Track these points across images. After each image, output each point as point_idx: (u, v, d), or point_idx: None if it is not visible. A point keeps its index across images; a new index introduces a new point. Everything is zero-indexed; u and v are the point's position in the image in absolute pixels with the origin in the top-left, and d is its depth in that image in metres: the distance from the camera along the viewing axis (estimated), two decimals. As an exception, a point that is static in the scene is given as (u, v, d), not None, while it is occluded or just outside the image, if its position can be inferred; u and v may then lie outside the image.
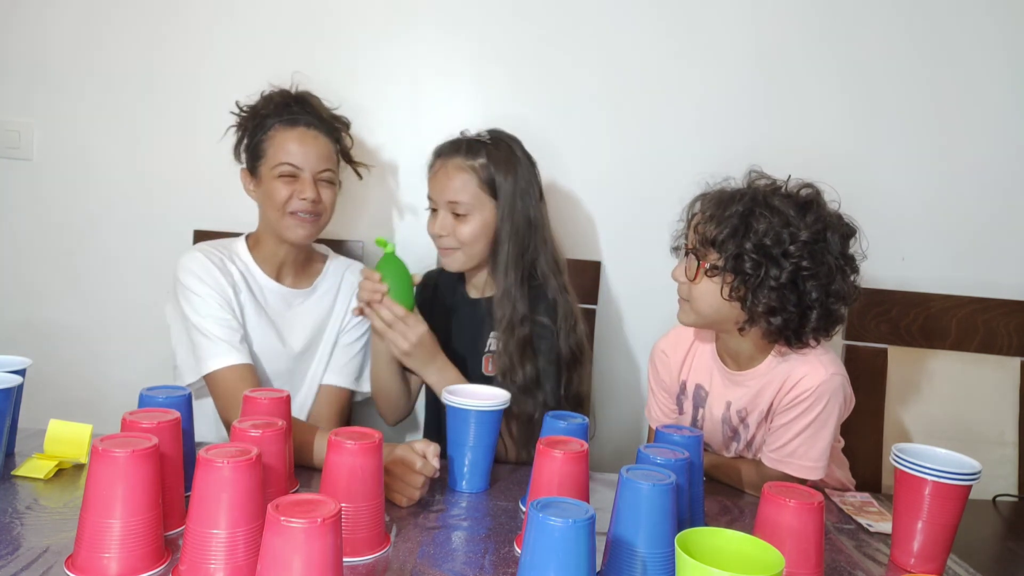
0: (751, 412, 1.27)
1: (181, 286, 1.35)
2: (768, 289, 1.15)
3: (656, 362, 1.40)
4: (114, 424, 0.93)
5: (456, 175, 1.37)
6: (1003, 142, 1.76)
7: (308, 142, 1.38)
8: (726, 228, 1.17)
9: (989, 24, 1.73)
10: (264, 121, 1.40)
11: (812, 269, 1.15)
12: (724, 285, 1.18)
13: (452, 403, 1.14)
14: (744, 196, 1.19)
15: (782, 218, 1.16)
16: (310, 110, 1.42)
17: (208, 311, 1.33)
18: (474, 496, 1.13)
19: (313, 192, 1.37)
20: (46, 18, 1.73)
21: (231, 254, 1.42)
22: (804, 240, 1.15)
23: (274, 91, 1.44)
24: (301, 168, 1.37)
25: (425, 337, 1.31)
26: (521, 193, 1.39)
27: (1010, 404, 1.61)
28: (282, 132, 1.38)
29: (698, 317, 1.24)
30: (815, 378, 1.18)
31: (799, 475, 1.20)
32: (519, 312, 1.37)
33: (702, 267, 1.20)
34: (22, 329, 1.79)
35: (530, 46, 1.73)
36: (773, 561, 0.70)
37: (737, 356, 1.28)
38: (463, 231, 1.38)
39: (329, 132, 1.43)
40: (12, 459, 1.09)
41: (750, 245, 1.15)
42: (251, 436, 0.93)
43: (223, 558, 0.77)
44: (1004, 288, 1.71)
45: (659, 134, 1.74)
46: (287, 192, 1.37)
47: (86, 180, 1.76)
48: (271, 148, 1.38)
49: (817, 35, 1.73)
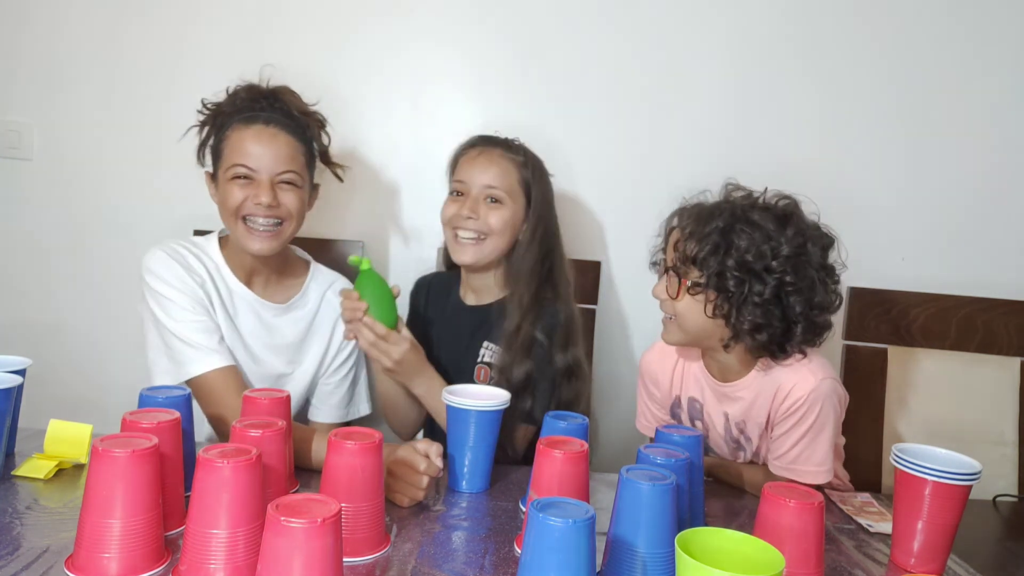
0: (748, 424, 1.26)
1: (148, 288, 1.27)
2: (752, 305, 1.14)
3: (646, 379, 1.37)
4: (114, 424, 0.93)
5: (500, 162, 1.39)
6: (1003, 142, 1.76)
7: (265, 141, 1.26)
8: (707, 245, 1.15)
9: (988, 24, 1.73)
10: (226, 120, 1.30)
11: (795, 283, 1.14)
12: (707, 303, 1.16)
13: (452, 403, 1.14)
14: (723, 211, 1.17)
15: (763, 233, 1.14)
16: (277, 106, 1.31)
17: (181, 315, 1.25)
18: (474, 496, 1.13)
19: (269, 196, 1.25)
20: (46, 19, 1.73)
21: (200, 251, 1.33)
22: (786, 254, 1.14)
23: (240, 87, 1.32)
24: (256, 170, 1.26)
25: (408, 354, 1.28)
26: (548, 204, 1.43)
27: (1010, 404, 1.61)
28: (239, 131, 1.27)
29: (684, 335, 1.22)
30: (805, 386, 1.17)
31: (805, 480, 1.18)
32: (525, 331, 1.35)
33: (684, 285, 1.18)
34: (22, 329, 1.79)
35: (531, 46, 1.73)
36: (773, 561, 0.70)
37: (724, 369, 1.27)
38: (495, 217, 1.37)
39: (295, 130, 1.30)
40: (12, 459, 1.09)
41: (732, 262, 1.14)
42: (251, 436, 0.93)
43: (223, 558, 0.77)
44: (1004, 288, 1.71)
45: (660, 134, 1.75)
46: (241, 196, 1.26)
47: (86, 180, 1.76)
48: (227, 149, 1.28)
49: (817, 36, 1.73)
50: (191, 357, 1.24)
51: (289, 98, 1.33)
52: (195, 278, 1.29)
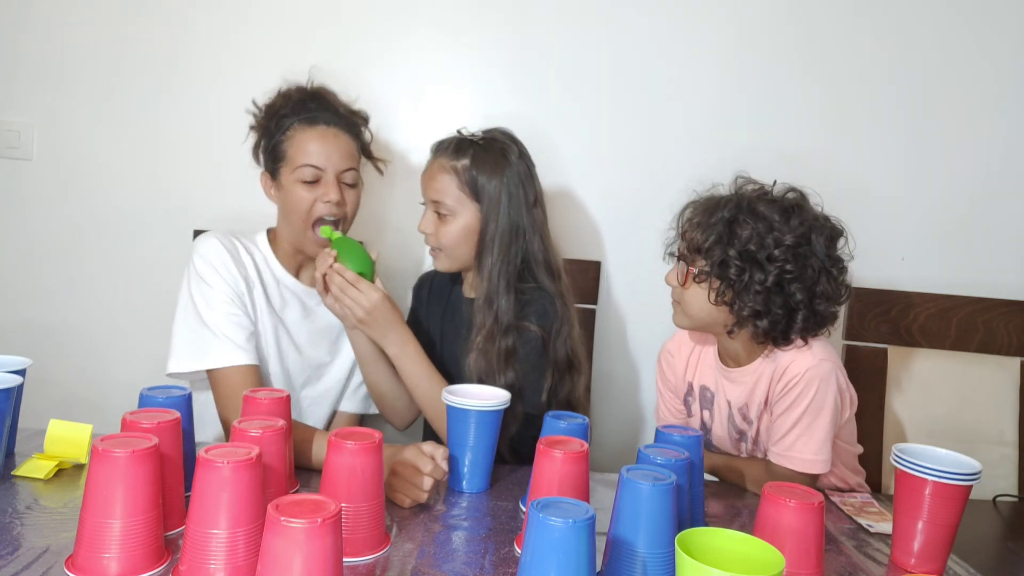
0: (750, 407, 1.28)
1: (194, 271, 1.30)
2: (753, 293, 1.19)
3: (663, 363, 1.43)
4: (114, 424, 0.93)
5: (439, 175, 1.35)
6: (1004, 143, 1.76)
7: (329, 141, 1.32)
8: (711, 235, 1.20)
9: (990, 23, 1.73)
10: (282, 121, 1.33)
11: (795, 272, 1.18)
12: (711, 290, 1.22)
13: (452, 403, 1.14)
14: (729, 203, 1.22)
15: (766, 223, 1.19)
16: (328, 106, 1.36)
17: (219, 305, 1.28)
18: (474, 496, 1.13)
19: (337, 194, 1.32)
20: (46, 19, 1.73)
21: (250, 243, 1.38)
22: (788, 244, 1.18)
23: (291, 87, 1.37)
24: (323, 169, 1.31)
25: (380, 304, 1.26)
26: (509, 197, 1.34)
27: (1010, 404, 1.61)
28: (301, 132, 1.32)
29: (690, 320, 1.28)
30: (802, 363, 1.21)
31: (802, 469, 1.21)
32: (502, 322, 1.32)
33: (690, 272, 1.24)
34: (22, 329, 1.79)
35: (531, 44, 1.73)
36: (773, 561, 0.70)
37: (734, 355, 1.31)
38: (443, 232, 1.36)
39: (349, 129, 1.37)
40: (12, 459, 1.09)
41: (734, 251, 1.19)
42: (251, 436, 0.93)
43: (223, 558, 0.77)
44: (1004, 288, 1.71)
45: (660, 135, 1.74)
46: (310, 198, 1.31)
47: (86, 180, 1.76)
48: (291, 149, 1.32)
49: (823, 36, 1.73)
50: (216, 348, 1.26)
51: (333, 98, 1.38)
52: (241, 271, 1.32)
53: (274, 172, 1.36)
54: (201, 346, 1.27)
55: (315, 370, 1.43)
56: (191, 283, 1.30)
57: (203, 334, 1.27)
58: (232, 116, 1.44)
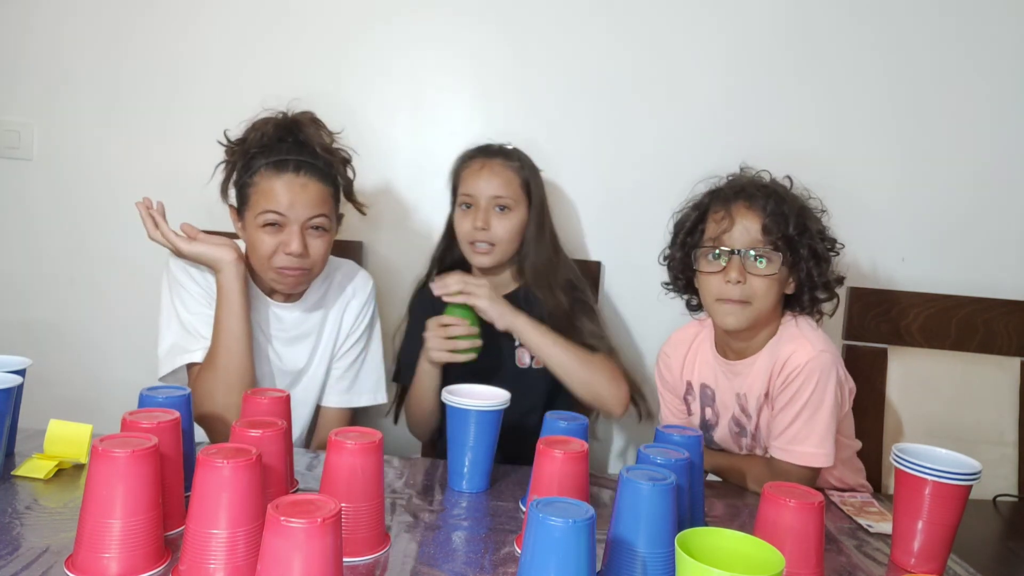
0: (750, 397, 1.29)
1: (172, 277, 1.35)
2: (808, 272, 1.25)
3: (660, 365, 1.44)
4: (114, 424, 0.93)
5: (503, 172, 1.48)
6: (1003, 143, 1.76)
7: (296, 191, 1.26)
8: (789, 226, 1.23)
9: (987, 24, 1.73)
10: (251, 162, 1.29)
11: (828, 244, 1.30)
12: (776, 281, 1.24)
13: (452, 403, 1.14)
14: (776, 191, 1.27)
15: (806, 206, 1.28)
16: (303, 146, 1.30)
17: (194, 305, 1.33)
18: (474, 496, 1.13)
19: (299, 245, 1.26)
20: (47, 19, 1.73)
21: None
22: None
23: (267, 119, 1.31)
24: (286, 216, 1.26)
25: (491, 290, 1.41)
26: (544, 199, 1.53)
27: (1010, 404, 1.61)
28: (267, 179, 1.27)
29: (757, 316, 1.26)
30: (803, 354, 1.22)
31: (804, 463, 1.21)
32: (560, 279, 1.49)
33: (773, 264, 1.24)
34: (22, 329, 1.79)
35: (530, 46, 1.73)
36: (773, 561, 0.70)
37: (739, 349, 1.31)
38: (503, 227, 1.46)
39: (323, 175, 1.30)
40: (12, 459, 1.09)
41: (807, 237, 1.24)
42: (251, 436, 0.93)
43: (223, 558, 0.77)
44: (1004, 288, 1.71)
45: (660, 135, 1.75)
46: (272, 244, 1.28)
47: (86, 180, 1.76)
48: (255, 194, 1.28)
49: (822, 38, 1.73)
50: (192, 346, 1.31)
51: (312, 132, 1.32)
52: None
53: (240, 211, 1.34)
54: (181, 345, 1.32)
55: (297, 375, 1.43)
56: (169, 288, 1.35)
57: (181, 334, 1.32)
58: (232, 116, 1.44)
